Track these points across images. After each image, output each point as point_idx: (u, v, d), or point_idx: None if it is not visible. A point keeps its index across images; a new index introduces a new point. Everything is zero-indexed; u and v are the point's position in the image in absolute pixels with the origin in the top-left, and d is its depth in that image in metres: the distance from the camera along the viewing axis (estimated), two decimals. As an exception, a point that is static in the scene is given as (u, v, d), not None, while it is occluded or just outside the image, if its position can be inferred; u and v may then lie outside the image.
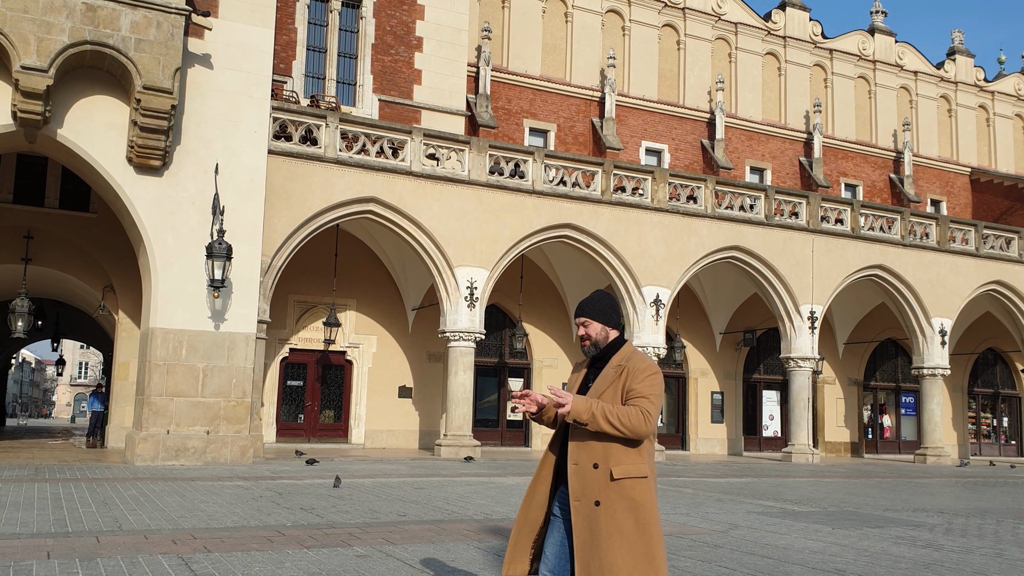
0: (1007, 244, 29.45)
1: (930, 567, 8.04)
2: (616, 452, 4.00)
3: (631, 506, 3.98)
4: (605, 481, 3.99)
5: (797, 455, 25.25)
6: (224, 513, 10.23)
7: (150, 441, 16.67)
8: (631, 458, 4.02)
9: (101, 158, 16.81)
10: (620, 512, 3.97)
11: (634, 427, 3.95)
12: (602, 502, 3.98)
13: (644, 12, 32.57)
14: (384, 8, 25.16)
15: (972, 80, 39.34)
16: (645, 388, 4.04)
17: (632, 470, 4.01)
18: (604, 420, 3.93)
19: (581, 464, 4.03)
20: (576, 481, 4.04)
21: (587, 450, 4.03)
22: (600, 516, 3.96)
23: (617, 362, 4.16)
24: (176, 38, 16.40)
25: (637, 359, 4.14)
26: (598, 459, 4.01)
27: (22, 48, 15.31)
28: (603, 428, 3.94)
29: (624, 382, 4.07)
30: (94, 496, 11.57)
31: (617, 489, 3.98)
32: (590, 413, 3.94)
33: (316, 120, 20.01)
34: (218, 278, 16.76)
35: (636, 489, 4.00)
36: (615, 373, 4.12)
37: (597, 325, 4.26)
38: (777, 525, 10.74)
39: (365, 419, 24.32)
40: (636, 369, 4.09)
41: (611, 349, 4.25)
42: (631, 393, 4.05)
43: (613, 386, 4.09)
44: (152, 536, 8.45)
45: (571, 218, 22.48)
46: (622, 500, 3.98)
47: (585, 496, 4.00)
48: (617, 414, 3.94)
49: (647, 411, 3.99)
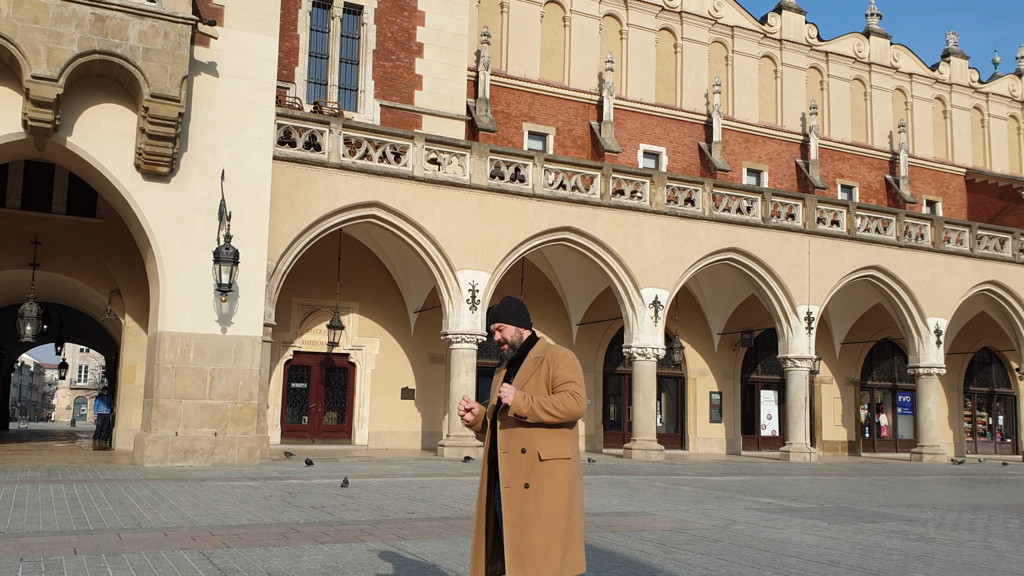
0: (1001, 244, 29.80)
1: (921, 559, 8.36)
2: (541, 437, 4.35)
3: (557, 485, 4.34)
4: (534, 463, 4.33)
5: (795, 454, 25.57)
6: (238, 512, 10.54)
7: (159, 443, 16.97)
8: (555, 440, 4.37)
9: (109, 165, 17.10)
10: (548, 491, 4.31)
11: (569, 410, 4.32)
12: (531, 484, 4.31)
13: (641, 16, 32.91)
14: (385, 14, 25.49)
15: (967, 82, 39.71)
16: (568, 373, 4.42)
17: (557, 452, 4.36)
18: (541, 411, 4.29)
19: (511, 451, 4.37)
20: (507, 468, 4.37)
21: (515, 438, 4.37)
22: (529, 496, 4.30)
23: (535, 355, 4.53)
24: (183, 47, 16.71)
25: (554, 349, 4.55)
26: (525, 444, 4.35)
27: (32, 58, 15.61)
28: (541, 418, 4.29)
29: (547, 371, 4.44)
30: (109, 496, 11.88)
31: (544, 469, 4.33)
32: (528, 407, 4.29)
33: (320, 126, 20.33)
34: (225, 283, 17.06)
35: (561, 469, 4.36)
36: (535, 365, 4.48)
37: (511, 328, 4.61)
38: (774, 521, 11.05)
39: (368, 420, 24.63)
40: (555, 358, 4.47)
41: (526, 347, 4.61)
42: (557, 380, 4.41)
43: (535, 376, 4.45)
44: (171, 533, 8.76)
45: (571, 221, 22.81)
46: (549, 479, 4.33)
47: (515, 481, 4.34)
48: (552, 402, 4.31)
49: (576, 393, 4.36)
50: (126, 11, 16.31)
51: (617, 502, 12.84)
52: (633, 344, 23.73)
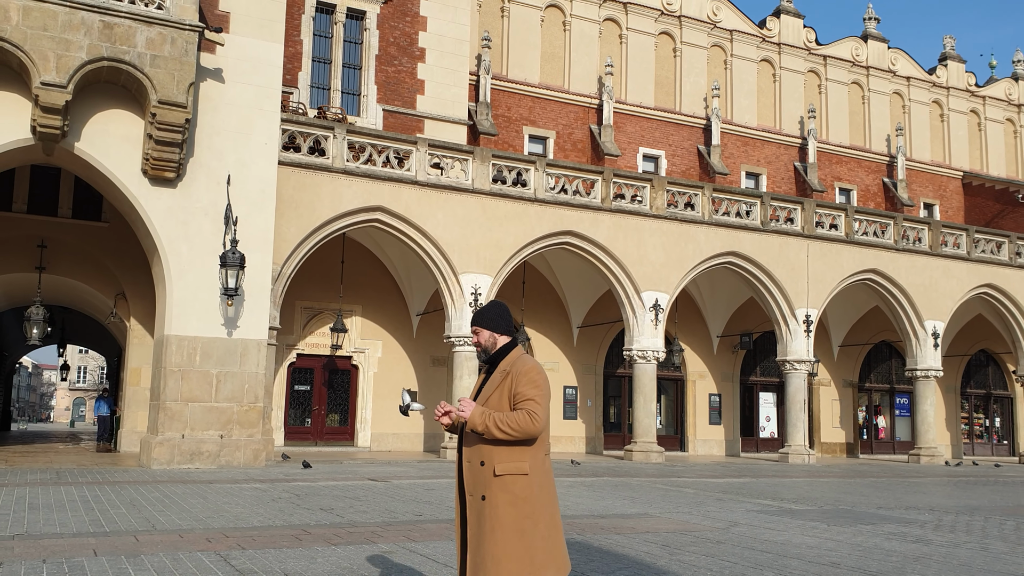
0: (998, 248, 30.05)
1: (919, 560, 8.58)
2: (499, 451, 4.39)
3: (512, 500, 4.36)
4: (490, 477, 4.39)
5: (794, 456, 25.80)
6: (248, 514, 10.73)
7: (166, 445, 17.16)
8: (514, 456, 4.39)
9: (117, 170, 17.29)
10: (502, 506, 4.35)
11: (523, 429, 4.34)
12: (487, 496, 4.38)
13: (641, 20, 33.14)
14: (388, 20, 25.70)
15: (963, 85, 39.99)
16: (529, 390, 4.41)
17: (513, 467, 4.38)
18: (495, 428, 4.33)
19: (472, 462, 4.46)
20: (469, 478, 4.47)
21: (476, 450, 4.44)
22: (485, 510, 4.37)
23: (504, 367, 4.55)
24: (190, 54, 16.91)
25: (520, 363, 4.52)
26: (484, 457, 4.41)
27: (42, 65, 15.79)
28: (495, 435, 4.34)
29: (509, 386, 4.46)
30: (120, 498, 12.07)
31: (500, 484, 4.37)
32: (483, 424, 4.35)
33: (324, 131, 20.53)
34: (232, 287, 17.26)
35: (517, 484, 4.38)
36: (501, 377, 4.51)
37: (486, 332, 4.65)
38: (775, 522, 11.27)
39: (371, 422, 24.83)
40: (519, 373, 4.47)
41: (500, 354, 4.63)
42: (517, 397, 4.42)
43: (499, 390, 4.49)
44: (187, 535, 8.96)
45: (572, 225, 23.03)
46: (504, 494, 4.36)
47: (475, 491, 4.43)
48: (507, 420, 4.33)
49: (533, 412, 4.35)
50: (134, 18, 16.50)
51: (620, 504, 13.05)
52: (634, 347, 23.95)
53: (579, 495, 14.23)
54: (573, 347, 27.96)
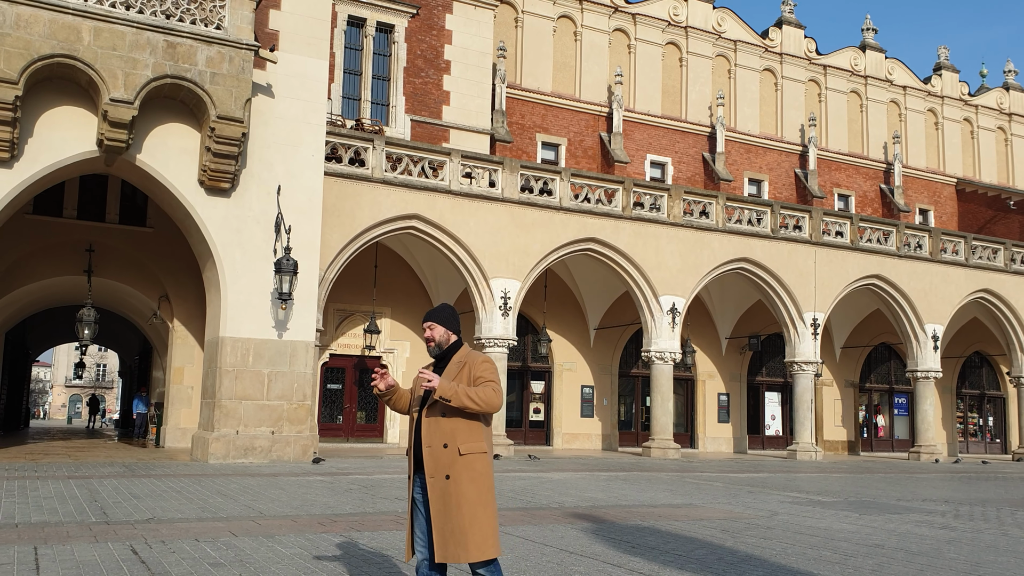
0: (994, 255, 31.36)
1: (951, 543, 9.72)
2: (461, 433, 4.88)
3: (474, 476, 4.87)
4: (455, 457, 4.85)
5: (801, 453, 27.01)
6: (336, 502, 11.75)
7: (222, 441, 18.17)
8: (473, 436, 4.91)
9: (175, 180, 18.27)
10: (466, 482, 4.85)
11: (489, 401, 4.85)
12: (452, 475, 4.84)
13: (649, 31, 34.30)
14: (415, 33, 26.76)
15: (957, 94, 41.37)
16: (488, 374, 4.95)
17: (475, 447, 4.89)
18: (466, 397, 4.80)
19: (433, 446, 4.89)
20: (430, 461, 4.89)
21: (438, 434, 4.89)
22: (450, 487, 4.83)
23: (458, 359, 5.07)
24: (246, 71, 17.91)
25: (474, 355, 5.07)
26: (447, 440, 4.87)
27: (111, 82, 16.76)
28: (465, 404, 4.80)
29: (468, 373, 4.97)
30: (206, 488, 13.04)
31: (464, 463, 4.86)
32: (453, 391, 4.80)
33: (364, 143, 21.57)
34: (286, 291, 18.28)
35: (478, 462, 4.90)
36: (458, 368, 5.01)
37: (441, 329, 5.15)
38: (810, 512, 12.40)
39: (399, 420, 25.86)
40: (476, 362, 5.01)
41: (451, 350, 5.13)
42: (479, 380, 4.93)
43: (458, 377, 4.97)
44: (299, 520, 9.99)
45: (595, 232, 24.15)
46: (468, 471, 4.86)
47: (438, 472, 4.86)
48: (476, 391, 4.84)
49: (496, 389, 4.91)
50: (195, 38, 17.50)
51: (663, 496, 14.16)
52: (652, 348, 25.10)
53: (622, 488, 15.32)
54: (590, 348, 29.09)
